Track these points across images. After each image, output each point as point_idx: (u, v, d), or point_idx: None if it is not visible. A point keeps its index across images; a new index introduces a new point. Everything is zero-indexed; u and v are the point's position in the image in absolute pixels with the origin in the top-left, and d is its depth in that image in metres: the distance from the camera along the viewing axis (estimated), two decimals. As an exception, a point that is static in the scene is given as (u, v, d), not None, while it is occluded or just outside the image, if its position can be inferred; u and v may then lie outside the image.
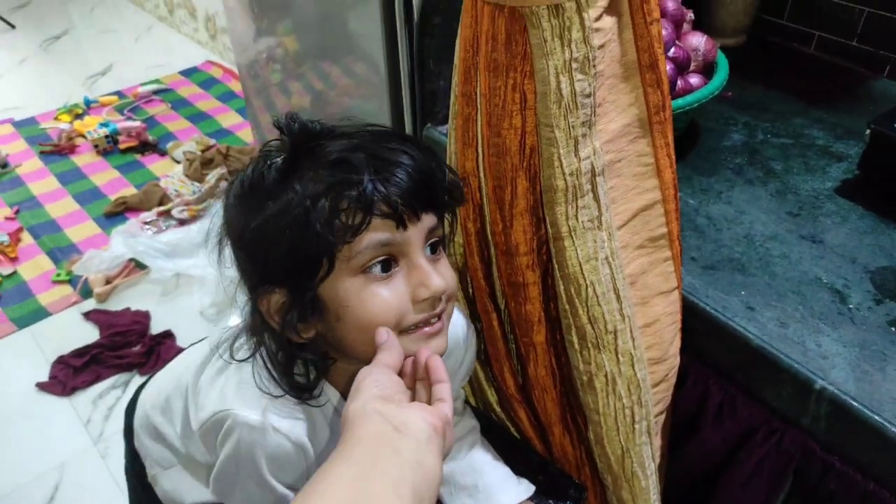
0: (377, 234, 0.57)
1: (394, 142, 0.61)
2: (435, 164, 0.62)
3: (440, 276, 0.61)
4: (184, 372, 0.73)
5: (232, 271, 0.63)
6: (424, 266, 0.60)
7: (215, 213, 0.64)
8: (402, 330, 0.61)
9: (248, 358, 0.65)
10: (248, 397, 0.63)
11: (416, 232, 0.60)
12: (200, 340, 0.80)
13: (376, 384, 0.54)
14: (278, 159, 0.59)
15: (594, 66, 0.68)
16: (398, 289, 0.60)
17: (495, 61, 0.70)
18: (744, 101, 1.21)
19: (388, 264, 0.59)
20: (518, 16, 0.66)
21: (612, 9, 0.68)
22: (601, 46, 0.68)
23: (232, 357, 0.66)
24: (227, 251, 0.63)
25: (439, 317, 0.63)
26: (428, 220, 0.61)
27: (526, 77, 0.69)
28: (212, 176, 2.24)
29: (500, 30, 0.68)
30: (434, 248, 0.63)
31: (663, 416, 0.87)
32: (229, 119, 2.73)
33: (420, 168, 0.59)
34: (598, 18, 0.66)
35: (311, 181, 0.57)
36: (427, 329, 0.62)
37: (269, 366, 0.63)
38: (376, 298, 0.59)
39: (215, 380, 0.66)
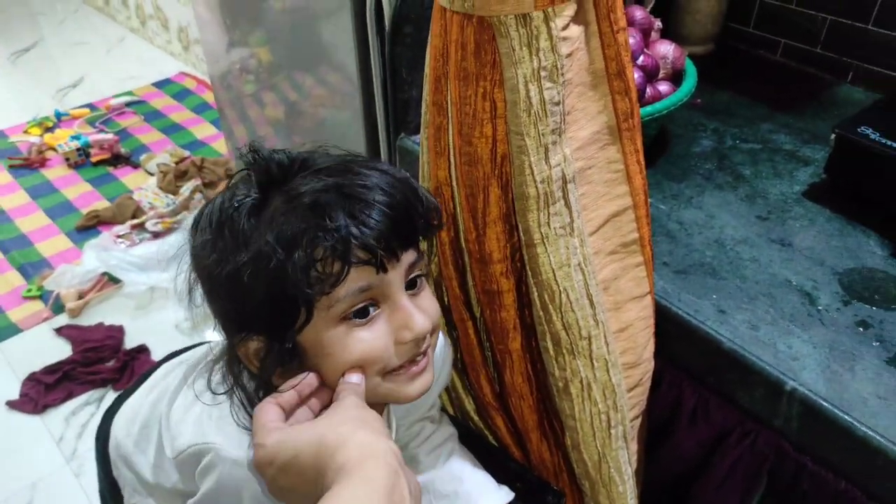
0: (356, 282, 0.56)
1: (367, 175, 0.58)
2: (412, 192, 0.60)
3: (423, 315, 0.60)
4: (158, 399, 0.71)
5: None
6: (407, 307, 0.59)
7: (183, 253, 0.61)
8: (387, 371, 0.61)
9: (224, 393, 0.63)
10: (231, 432, 0.61)
11: (397, 273, 0.59)
12: (173, 356, 0.78)
13: (380, 421, 0.55)
14: (247, 199, 0.57)
15: (562, 74, 0.68)
16: (381, 332, 0.59)
17: (465, 70, 0.70)
18: (712, 107, 1.23)
19: (369, 308, 0.58)
20: (486, 25, 0.67)
21: (579, 18, 0.68)
22: (569, 55, 0.69)
23: (209, 388, 0.63)
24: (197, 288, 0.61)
25: (424, 353, 0.62)
26: (408, 257, 0.59)
27: (495, 86, 0.69)
28: (186, 188, 2.22)
29: (469, 39, 0.68)
30: (415, 282, 0.62)
31: (639, 421, 0.88)
32: (203, 130, 2.71)
33: (397, 204, 0.57)
34: (565, 27, 0.67)
35: (284, 228, 0.54)
36: (414, 368, 0.62)
37: (246, 405, 0.62)
38: (360, 345, 0.58)
39: (190, 408, 0.64)
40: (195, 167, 2.34)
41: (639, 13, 1.08)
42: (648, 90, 1.03)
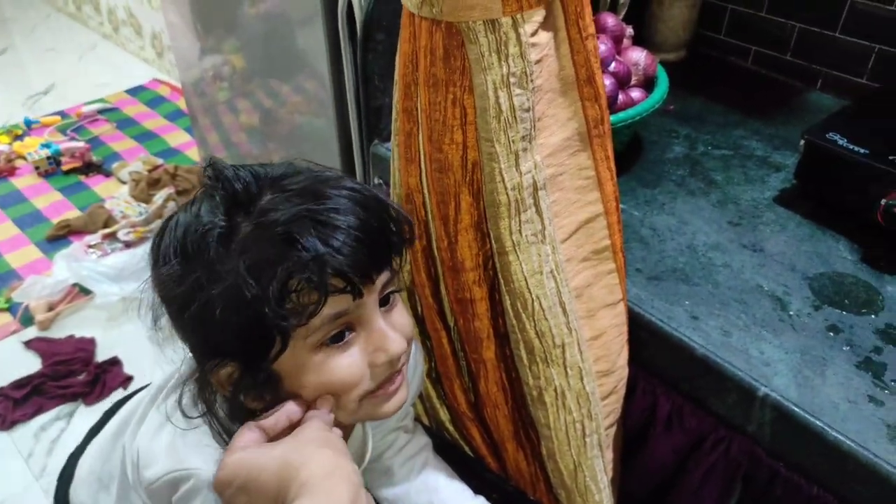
0: (332, 309, 0.56)
1: (338, 197, 0.57)
2: (384, 210, 0.59)
3: (398, 335, 0.60)
4: (120, 429, 0.69)
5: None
6: (382, 328, 0.59)
7: (145, 281, 0.59)
8: (365, 393, 0.60)
9: (199, 417, 0.61)
10: (212, 454, 0.59)
11: (372, 295, 0.58)
12: (133, 395, 0.76)
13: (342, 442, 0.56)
14: (214, 229, 0.55)
15: (532, 80, 0.68)
16: (357, 356, 0.59)
17: (434, 76, 0.69)
18: (685, 113, 1.23)
19: (345, 332, 0.58)
20: (455, 31, 0.66)
21: (548, 24, 0.68)
22: (538, 61, 0.68)
23: (182, 412, 0.62)
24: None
25: (399, 370, 0.62)
26: (382, 278, 0.59)
27: (465, 92, 0.69)
28: (159, 196, 2.19)
29: (437, 45, 0.68)
30: (388, 298, 0.62)
31: (614, 429, 0.88)
32: (177, 138, 2.68)
33: (370, 227, 0.56)
34: (534, 34, 0.67)
35: (256, 259, 0.53)
36: (391, 387, 0.62)
37: (222, 431, 0.60)
38: (337, 371, 0.58)
39: (159, 432, 0.62)
40: (168, 175, 2.30)
41: (610, 20, 1.08)
42: (620, 97, 1.03)
